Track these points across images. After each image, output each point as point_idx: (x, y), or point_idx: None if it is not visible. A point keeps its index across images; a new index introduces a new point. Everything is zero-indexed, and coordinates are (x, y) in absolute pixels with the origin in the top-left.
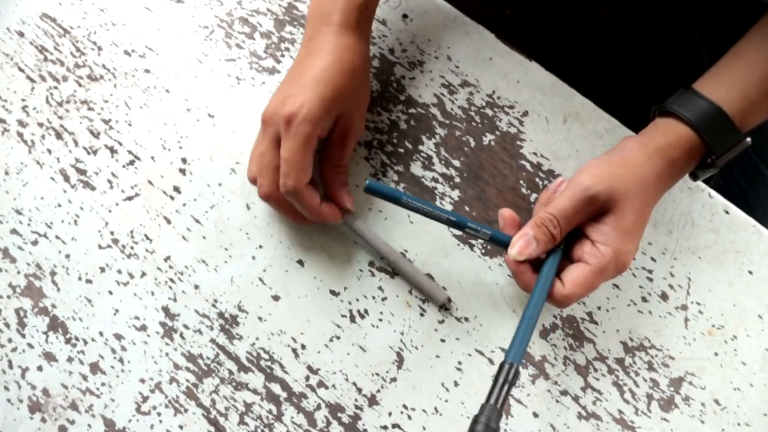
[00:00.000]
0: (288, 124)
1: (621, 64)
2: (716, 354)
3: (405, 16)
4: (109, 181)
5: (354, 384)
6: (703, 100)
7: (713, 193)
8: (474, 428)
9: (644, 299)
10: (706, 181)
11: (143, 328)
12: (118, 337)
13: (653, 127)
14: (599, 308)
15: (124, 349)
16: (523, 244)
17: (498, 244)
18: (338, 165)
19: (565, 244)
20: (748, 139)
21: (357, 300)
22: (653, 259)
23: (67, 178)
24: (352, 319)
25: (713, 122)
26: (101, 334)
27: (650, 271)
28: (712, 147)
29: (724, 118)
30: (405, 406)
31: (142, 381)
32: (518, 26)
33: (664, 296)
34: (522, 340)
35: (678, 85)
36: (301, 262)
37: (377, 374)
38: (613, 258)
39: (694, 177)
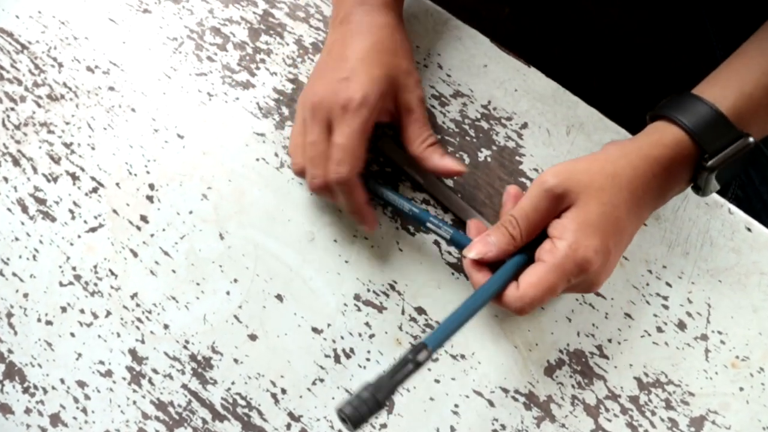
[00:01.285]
0: (344, 110)
1: (629, 67)
2: (741, 389)
3: None
4: (71, 211)
5: None
6: (695, 99)
7: (733, 208)
8: (359, 394)
9: (659, 329)
10: (722, 193)
11: (108, 373)
12: (81, 384)
13: (639, 132)
14: (609, 341)
15: (87, 397)
16: (480, 245)
17: (458, 246)
18: (423, 140)
19: (531, 250)
20: (751, 138)
21: (342, 338)
22: (668, 284)
23: (25, 209)
24: (337, 360)
25: (702, 119)
26: (62, 381)
27: (665, 298)
28: (702, 144)
29: (715, 114)
30: None
31: None
32: (517, 25)
33: (681, 325)
34: (448, 326)
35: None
36: (279, 297)
37: None
38: (569, 252)
39: (697, 189)
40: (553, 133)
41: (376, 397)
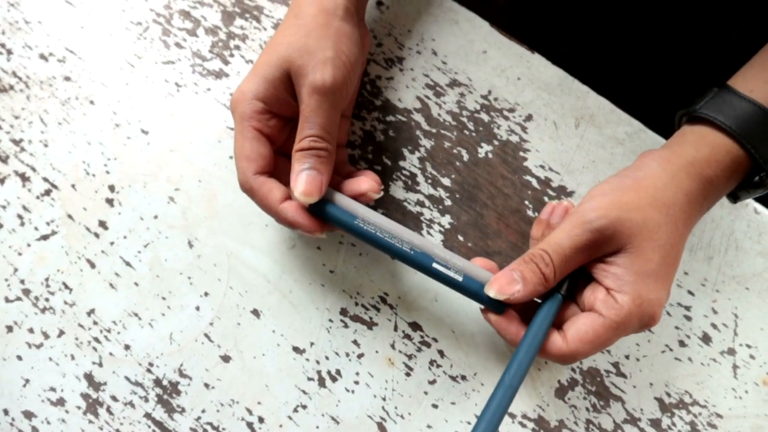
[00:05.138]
0: (232, 111)
1: (640, 54)
2: None
3: (380, 3)
4: (20, 217)
5: None
6: (743, 100)
7: (759, 207)
8: None
9: (682, 343)
10: None
11: (60, 402)
12: (28, 415)
13: (679, 137)
14: (627, 357)
15: (35, 430)
16: (504, 281)
17: (471, 294)
18: (298, 140)
19: (569, 291)
20: None
21: (327, 358)
22: (691, 293)
23: None
24: (322, 383)
25: (759, 127)
26: (6, 412)
27: (688, 308)
28: (760, 161)
29: None
30: None
31: None
32: (513, 16)
33: (706, 339)
34: (493, 416)
35: (708, 78)
36: (256, 313)
37: None
38: (633, 309)
39: (734, 198)
40: (561, 125)
41: None
